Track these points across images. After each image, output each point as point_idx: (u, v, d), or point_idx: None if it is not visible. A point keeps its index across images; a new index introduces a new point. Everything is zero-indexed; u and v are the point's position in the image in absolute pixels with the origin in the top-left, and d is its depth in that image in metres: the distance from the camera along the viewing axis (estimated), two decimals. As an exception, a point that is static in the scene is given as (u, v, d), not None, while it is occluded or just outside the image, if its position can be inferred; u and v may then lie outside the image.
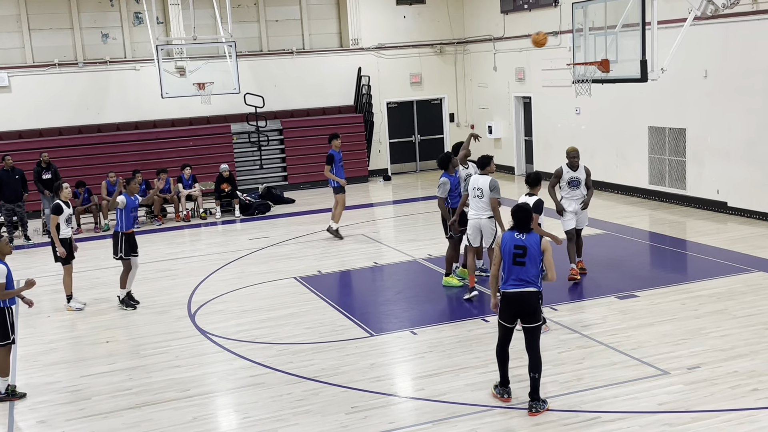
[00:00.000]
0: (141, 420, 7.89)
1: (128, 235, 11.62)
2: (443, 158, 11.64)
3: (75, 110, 20.92)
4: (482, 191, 10.62)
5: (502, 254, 7.59)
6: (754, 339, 8.97)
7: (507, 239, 7.60)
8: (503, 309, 7.63)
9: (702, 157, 16.02)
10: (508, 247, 7.54)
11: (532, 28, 20.75)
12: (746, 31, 14.60)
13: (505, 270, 7.58)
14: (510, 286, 7.52)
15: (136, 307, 11.68)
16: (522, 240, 7.52)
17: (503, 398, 7.78)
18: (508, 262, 7.53)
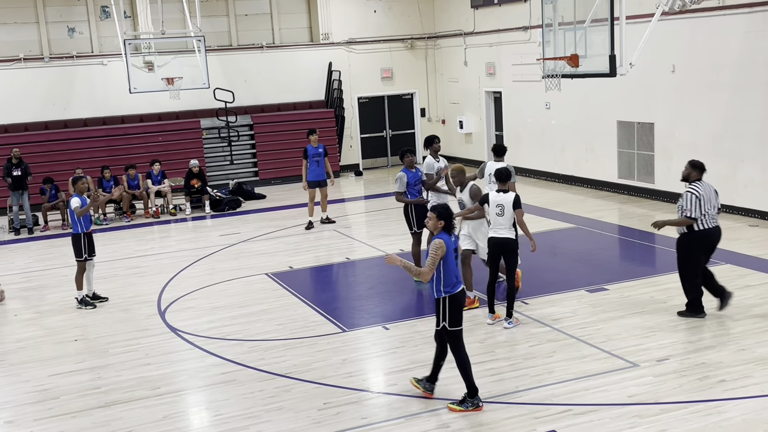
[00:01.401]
0: (111, 419, 7.81)
1: (87, 235, 11.49)
2: (400, 153, 11.81)
3: (41, 106, 20.63)
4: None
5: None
6: (721, 331, 9.10)
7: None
8: None
9: (670, 152, 16.20)
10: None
11: (502, 23, 20.87)
12: (713, 26, 14.77)
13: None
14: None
15: (96, 306, 11.53)
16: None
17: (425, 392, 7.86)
18: None
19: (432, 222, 7.57)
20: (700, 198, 9.27)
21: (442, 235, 7.47)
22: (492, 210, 9.55)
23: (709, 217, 9.37)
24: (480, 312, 10.16)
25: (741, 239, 13.09)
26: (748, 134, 14.37)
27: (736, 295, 10.25)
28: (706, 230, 9.37)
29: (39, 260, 14.82)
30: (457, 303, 7.49)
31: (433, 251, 7.37)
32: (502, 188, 9.63)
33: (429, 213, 7.67)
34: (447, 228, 7.52)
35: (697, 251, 9.51)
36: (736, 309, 9.76)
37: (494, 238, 9.60)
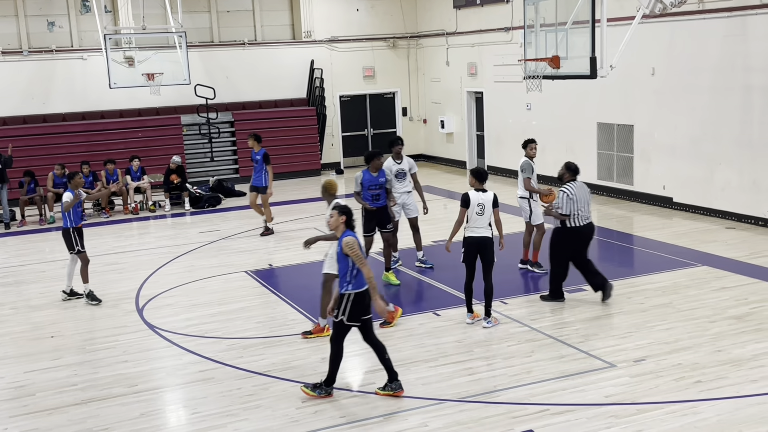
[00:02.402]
0: (87, 416, 7.76)
1: (77, 230, 11.42)
2: (365, 156, 11.46)
3: (20, 100, 20.44)
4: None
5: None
6: (698, 332, 9.18)
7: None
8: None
9: (649, 154, 16.32)
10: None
11: (484, 23, 20.93)
12: (692, 30, 14.90)
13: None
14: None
15: (101, 301, 11.40)
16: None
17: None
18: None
19: (334, 219, 7.73)
20: (572, 198, 10.04)
21: (348, 232, 7.66)
22: (472, 209, 9.53)
23: (581, 216, 10.14)
24: (456, 312, 10.19)
25: (718, 241, 13.23)
26: (726, 137, 14.52)
27: (713, 297, 10.39)
28: (577, 227, 10.16)
29: (16, 255, 14.68)
30: (360, 299, 7.65)
31: (350, 250, 7.52)
32: (480, 188, 9.63)
33: (331, 211, 7.86)
34: (349, 225, 7.71)
35: (567, 246, 10.25)
36: (712, 310, 9.86)
37: (472, 237, 9.58)
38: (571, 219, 10.11)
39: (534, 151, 11.73)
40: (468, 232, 9.62)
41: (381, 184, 11.28)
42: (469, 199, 9.57)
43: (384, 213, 11.40)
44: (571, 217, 10.10)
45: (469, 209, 9.54)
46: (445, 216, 17.05)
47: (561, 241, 10.31)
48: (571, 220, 10.12)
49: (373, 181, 11.26)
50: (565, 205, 10.07)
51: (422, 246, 12.54)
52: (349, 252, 7.53)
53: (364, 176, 11.31)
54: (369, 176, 11.28)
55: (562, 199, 10.10)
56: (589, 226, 10.30)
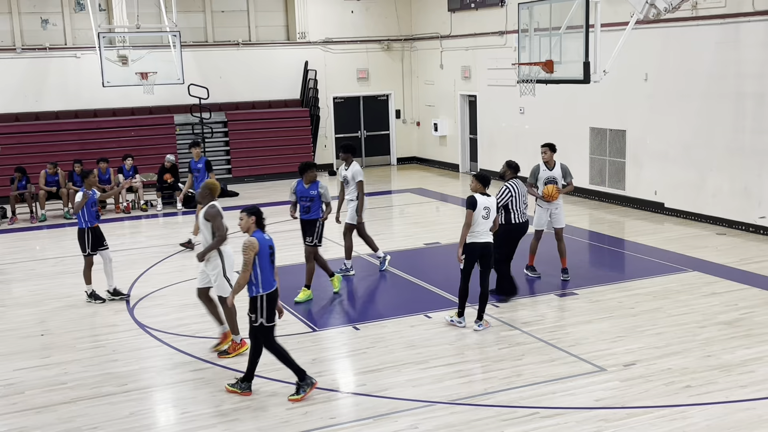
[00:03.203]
0: (76, 415, 7.73)
1: (93, 230, 11.18)
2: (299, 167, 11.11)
3: (12, 97, 20.37)
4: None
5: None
6: (688, 337, 9.21)
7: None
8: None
9: (641, 159, 16.38)
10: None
11: (478, 27, 20.97)
12: (686, 36, 14.97)
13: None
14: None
15: (105, 300, 11.26)
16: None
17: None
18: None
19: (244, 221, 7.82)
20: (514, 196, 10.58)
21: (256, 233, 7.73)
22: (478, 213, 9.33)
23: (521, 212, 10.67)
24: (449, 314, 10.20)
25: (708, 247, 13.28)
26: (718, 144, 14.58)
27: (703, 302, 10.44)
28: (518, 224, 10.67)
29: (6, 253, 14.61)
30: (272, 300, 7.78)
31: (243, 251, 7.62)
32: (485, 192, 9.51)
33: (240, 213, 7.92)
34: (260, 225, 7.78)
35: (512, 241, 10.72)
36: (702, 316, 9.90)
37: (477, 243, 9.40)
38: (513, 215, 10.56)
39: (544, 155, 11.66)
40: (472, 238, 9.41)
41: (312, 196, 10.90)
42: (477, 201, 9.36)
43: (310, 226, 10.98)
44: (512, 214, 10.56)
45: (475, 214, 9.36)
46: (437, 219, 17.08)
47: (508, 237, 10.59)
48: (514, 217, 10.57)
49: (304, 193, 10.93)
50: (503, 198, 10.54)
51: (351, 256, 12.33)
52: (242, 253, 7.67)
53: (297, 186, 11.04)
54: (301, 187, 10.96)
55: (503, 194, 10.52)
56: (526, 223, 10.84)
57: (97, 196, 11.34)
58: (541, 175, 11.59)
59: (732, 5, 13.93)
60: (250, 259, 7.60)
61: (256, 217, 7.81)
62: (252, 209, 7.85)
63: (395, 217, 17.91)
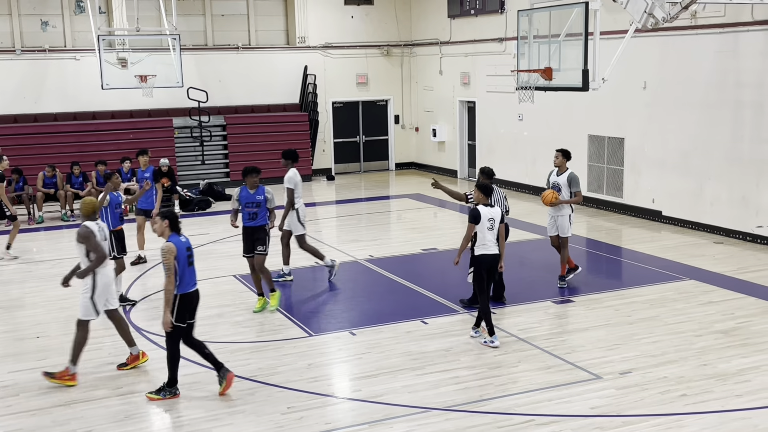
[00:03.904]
0: (71, 418, 7.71)
1: (117, 233, 10.96)
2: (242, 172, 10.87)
3: (11, 98, 20.37)
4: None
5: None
6: (684, 345, 9.21)
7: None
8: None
9: (639, 167, 16.39)
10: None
11: (478, 33, 21.00)
12: (685, 45, 15.00)
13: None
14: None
15: (136, 303, 11.17)
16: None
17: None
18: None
19: (158, 225, 7.90)
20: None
21: (172, 237, 7.83)
22: (483, 224, 9.23)
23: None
24: (444, 321, 10.20)
25: (706, 255, 13.29)
26: (716, 153, 14.60)
27: (700, 311, 10.43)
28: None
29: (3, 255, 14.58)
30: (187, 301, 7.90)
31: (163, 257, 7.70)
32: (488, 203, 9.41)
33: (154, 218, 7.96)
34: (175, 228, 7.87)
35: None
36: (699, 324, 9.90)
37: (486, 255, 9.28)
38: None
39: (555, 160, 11.61)
40: (481, 250, 9.27)
41: (258, 202, 10.57)
42: (480, 214, 9.24)
43: (259, 233, 10.64)
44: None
45: (479, 225, 9.24)
46: (434, 225, 17.08)
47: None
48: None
49: (249, 199, 10.61)
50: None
51: (288, 262, 12.29)
52: (162, 258, 7.73)
53: (241, 192, 10.72)
54: (246, 193, 10.63)
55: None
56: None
57: (122, 198, 11.12)
58: (550, 180, 11.68)
59: (731, 14, 13.97)
60: (171, 263, 7.71)
61: (170, 220, 7.89)
62: (165, 213, 7.94)
63: (393, 223, 17.92)
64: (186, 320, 7.98)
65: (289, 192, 11.83)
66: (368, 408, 7.78)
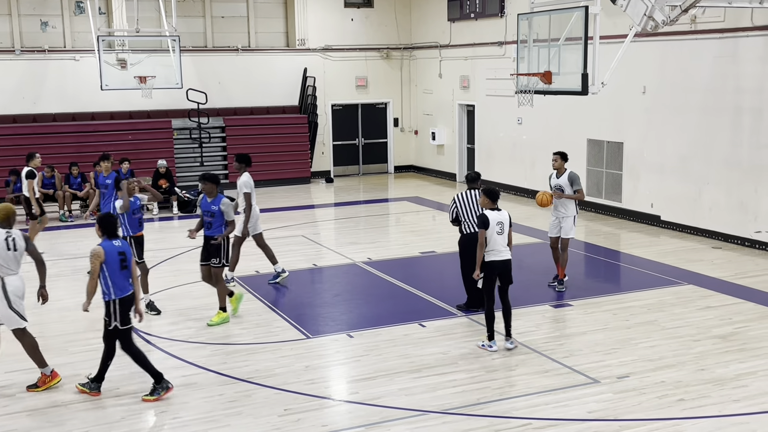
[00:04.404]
0: (67, 418, 7.70)
1: (135, 239, 10.70)
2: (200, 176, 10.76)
3: (10, 99, 20.36)
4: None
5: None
6: (682, 350, 9.20)
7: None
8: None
9: (638, 171, 16.39)
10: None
11: (477, 37, 21.01)
12: (684, 50, 15.01)
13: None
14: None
15: (160, 312, 10.83)
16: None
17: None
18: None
19: (96, 229, 8.10)
20: (457, 206, 10.43)
21: (104, 242, 7.98)
22: (492, 229, 9.10)
23: (467, 224, 10.38)
24: (441, 324, 10.19)
25: (704, 260, 13.28)
26: (715, 158, 14.60)
27: (698, 316, 10.43)
28: (470, 234, 10.28)
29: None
30: (127, 305, 8.01)
31: (90, 260, 7.86)
32: (494, 207, 9.25)
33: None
34: (109, 234, 8.02)
35: (465, 251, 10.42)
36: (696, 329, 9.89)
37: (497, 261, 9.14)
38: (462, 225, 10.41)
39: (554, 163, 11.66)
40: (492, 256, 9.13)
41: (213, 212, 10.30)
42: (488, 219, 9.09)
43: (214, 245, 10.31)
44: (462, 224, 10.41)
45: (489, 230, 9.12)
46: (433, 228, 17.07)
47: (462, 248, 10.52)
48: (465, 227, 10.39)
49: (206, 207, 10.41)
50: (450, 210, 10.55)
51: (275, 260, 12.23)
52: (90, 260, 7.89)
53: (202, 200, 10.57)
54: (204, 201, 10.49)
55: (451, 208, 10.55)
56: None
57: (140, 202, 10.91)
58: (550, 183, 11.72)
59: (731, 19, 13.98)
60: (96, 267, 7.88)
61: (100, 226, 8.04)
62: (99, 219, 8.11)
63: (391, 225, 17.91)
64: (130, 322, 8.09)
65: (247, 196, 11.90)
66: (365, 411, 7.77)
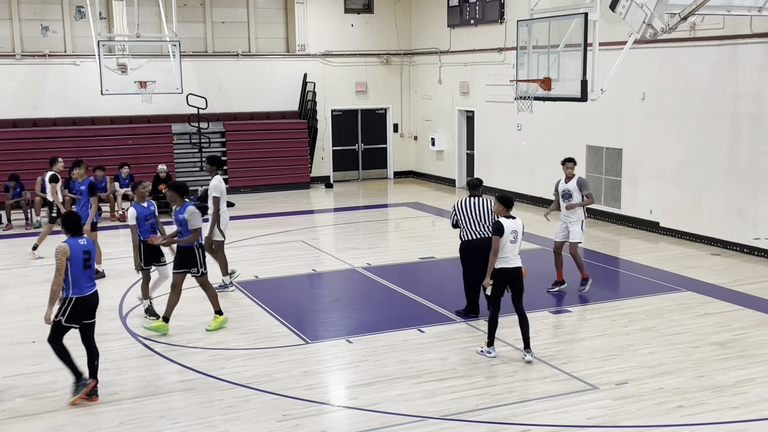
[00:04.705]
0: (66, 423, 7.69)
1: (148, 244, 10.56)
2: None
3: (10, 103, 20.38)
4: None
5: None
6: (680, 357, 9.20)
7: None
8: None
9: (637, 178, 16.41)
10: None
11: (477, 43, 21.05)
12: (683, 57, 15.04)
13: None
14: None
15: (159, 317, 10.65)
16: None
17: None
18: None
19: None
20: (456, 212, 10.54)
21: (69, 239, 8.05)
22: (506, 237, 9.02)
23: (469, 230, 10.41)
24: (440, 329, 10.19)
25: (703, 267, 13.29)
26: (714, 165, 14.62)
27: (696, 322, 10.43)
28: (468, 241, 10.43)
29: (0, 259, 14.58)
30: (83, 303, 8.04)
31: (56, 256, 7.96)
32: (508, 215, 9.19)
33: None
34: (73, 232, 8.10)
35: (465, 258, 10.52)
36: (695, 336, 9.89)
37: (508, 269, 9.06)
38: (462, 232, 10.47)
39: (568, 170, 11.78)
40: (502, 263, 9.03)
41: (179, 221, 10.09)
42: (503, 226, 8.99)
43: (188, 254, 10.16)
44: (462, 230, 10.46)
45: (503, 238, 9.03)
46: (432, 233, 17.08)
47: (461, 255, 10.59)
48: (463, 234, 10.45)
49: (175, 216, 10.23)
50: (451, 215, 10.66)
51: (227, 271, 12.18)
52: (55, 257, 7.98)
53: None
54: (175, 211, 10.30)
55: (451, 214, 10.65)
56: (482, 240, 10.21)
57: (154, 208, 10.75)
58: (559, 188, 11.86)
59: (730, 27, 14.01)
60: (62, 263, 7.92)
61: (65, 224, 8.15)
62: (63, 218, 8.24)
63: (391, 231, 17.91)
64: (81, 321, 8.11)
65: (215, 200, 11.82)
66: (364, 416, 7.77)
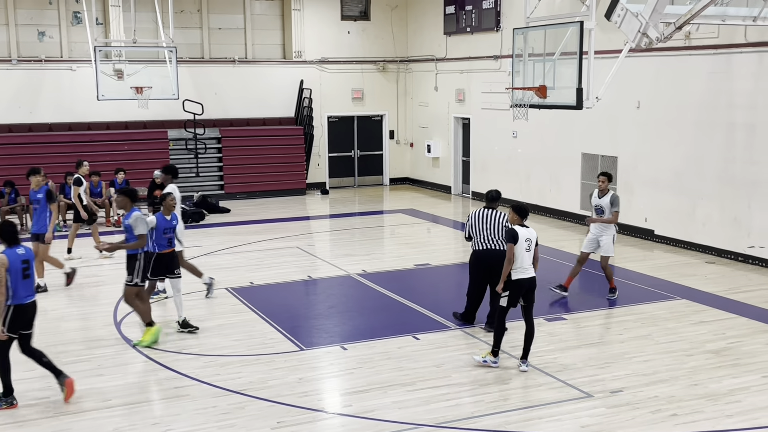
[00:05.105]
0: (59, 429, 7.67)
1: (162, 255, 10.31)
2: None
3: (6, 108, 20.35)
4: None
5: None
6: (675, 365, 9.21)
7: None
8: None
9: (632, 186, 16.45)
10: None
11: (473, 51, 21.10)
12: (678, 65, 15.09)
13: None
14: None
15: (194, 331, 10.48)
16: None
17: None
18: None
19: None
20: (470, 222, 10.48)
21: (6, 250, 8.00)
22: (521, 245, 8.97)
23: (483, 241, 10.29)
24: (435, 337, 10.19)
25: (697, 275, 13.31)
26: (709, 173, 14.66)
27: (691, 330, 10.44)
28: (477, 251, 10.34)
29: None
30: (21, 313, 8.00)
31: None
32: (522, 224, 9.16)
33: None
34: (10, 241, 8.05)
35: (471, 266, 10.50)
36: (690, 344, 9.90)
37: (524, 279, 8.96)
38: (474, 243, 10.39)
39: (602, 184, 12.02)
40: (519, 274, 8.94)
41: (126, 227, 9.89)
42: (517, 234, 8.95)
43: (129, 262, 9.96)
44: (473, 241, 10.39)
45: (517, 246, 8.94)
46: (428, 240, 17.08)
47: (470, 265, 10.56)
48: (474, 244, 10.39)
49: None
50: (465, 229, 10.65)
51: (200, 273, 12.16)
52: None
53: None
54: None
55: (466, 224, 10.64)
56: (494, 251, 10.11)
57: (177, 222, 10.61)
58: (592, 202, 12.16)
59: (724, 36, 14.07)
60: (2, 275, 7.83)
61: (3, 233, 8.08)
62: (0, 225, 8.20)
63: (386, 238, 17.91)
64: (18, 330, 8.06)
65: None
66: (359, 423, 7.76)
